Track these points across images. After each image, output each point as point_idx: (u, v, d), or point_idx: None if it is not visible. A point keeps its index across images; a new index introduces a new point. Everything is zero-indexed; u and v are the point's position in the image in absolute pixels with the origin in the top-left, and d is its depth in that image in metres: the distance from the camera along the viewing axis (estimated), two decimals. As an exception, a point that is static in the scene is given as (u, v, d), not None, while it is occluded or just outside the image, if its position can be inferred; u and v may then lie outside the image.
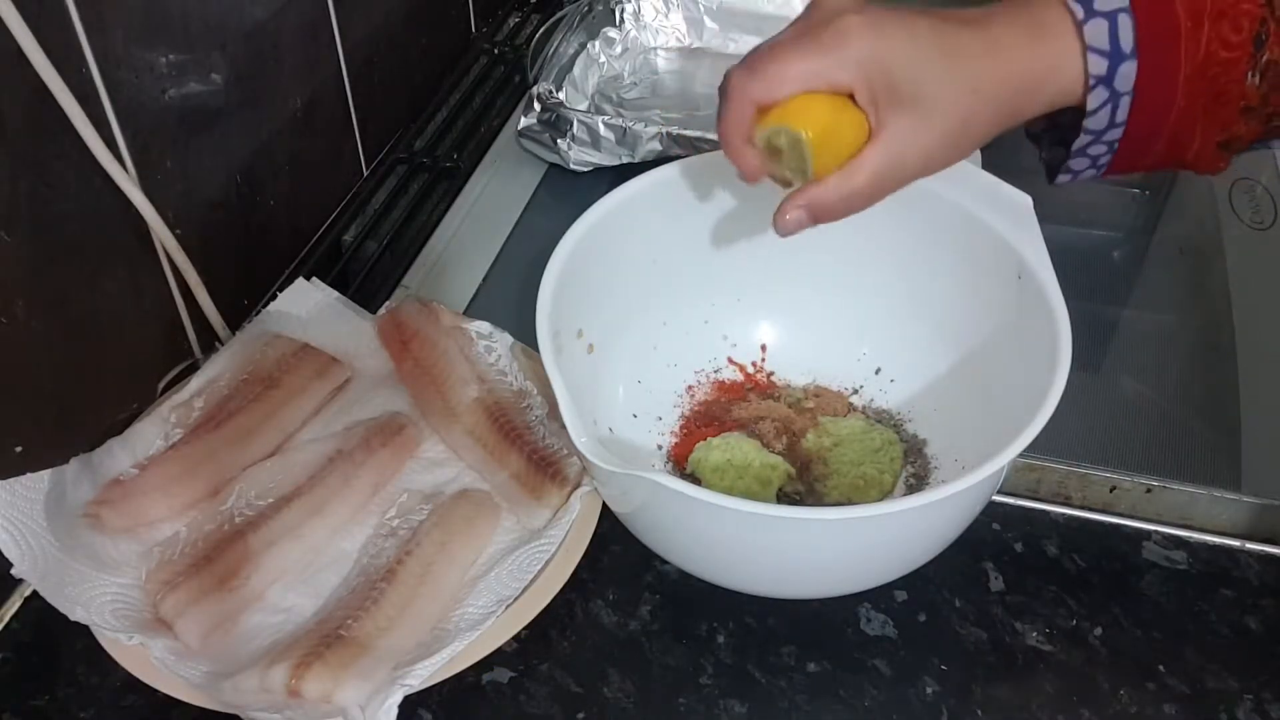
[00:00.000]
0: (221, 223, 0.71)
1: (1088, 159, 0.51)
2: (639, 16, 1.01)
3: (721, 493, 0.48)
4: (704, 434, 0.64)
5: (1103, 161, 0.51)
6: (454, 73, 1.01)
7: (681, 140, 0.82)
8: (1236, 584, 0.58)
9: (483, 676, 0.54)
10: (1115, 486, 0.63)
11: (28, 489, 0.57)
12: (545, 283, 0.57)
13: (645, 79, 0.99)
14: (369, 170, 0.89)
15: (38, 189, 0.56)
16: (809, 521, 0.49)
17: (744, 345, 0.69)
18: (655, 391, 0.67)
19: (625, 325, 0.65)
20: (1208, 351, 0.73)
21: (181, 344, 0.70)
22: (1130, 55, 0.47)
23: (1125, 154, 0.50)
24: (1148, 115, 0.48)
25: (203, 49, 0.66)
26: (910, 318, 0.65)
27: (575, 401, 0.51)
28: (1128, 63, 0.47)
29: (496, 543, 0.59)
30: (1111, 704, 0.53)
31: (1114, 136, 0.49)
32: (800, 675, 0.54)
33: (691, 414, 0.67)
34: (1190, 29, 0.46)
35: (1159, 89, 0.47)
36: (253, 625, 0.55)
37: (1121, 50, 0.47)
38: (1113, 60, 0.47)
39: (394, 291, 0.77)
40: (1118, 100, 0.48)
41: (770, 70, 0.48)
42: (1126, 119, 0.48)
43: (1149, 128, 0.48)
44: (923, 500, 0.48)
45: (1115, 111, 0.48)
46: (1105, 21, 0.47)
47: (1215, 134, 0.48)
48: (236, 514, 0.58)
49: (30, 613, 0.57)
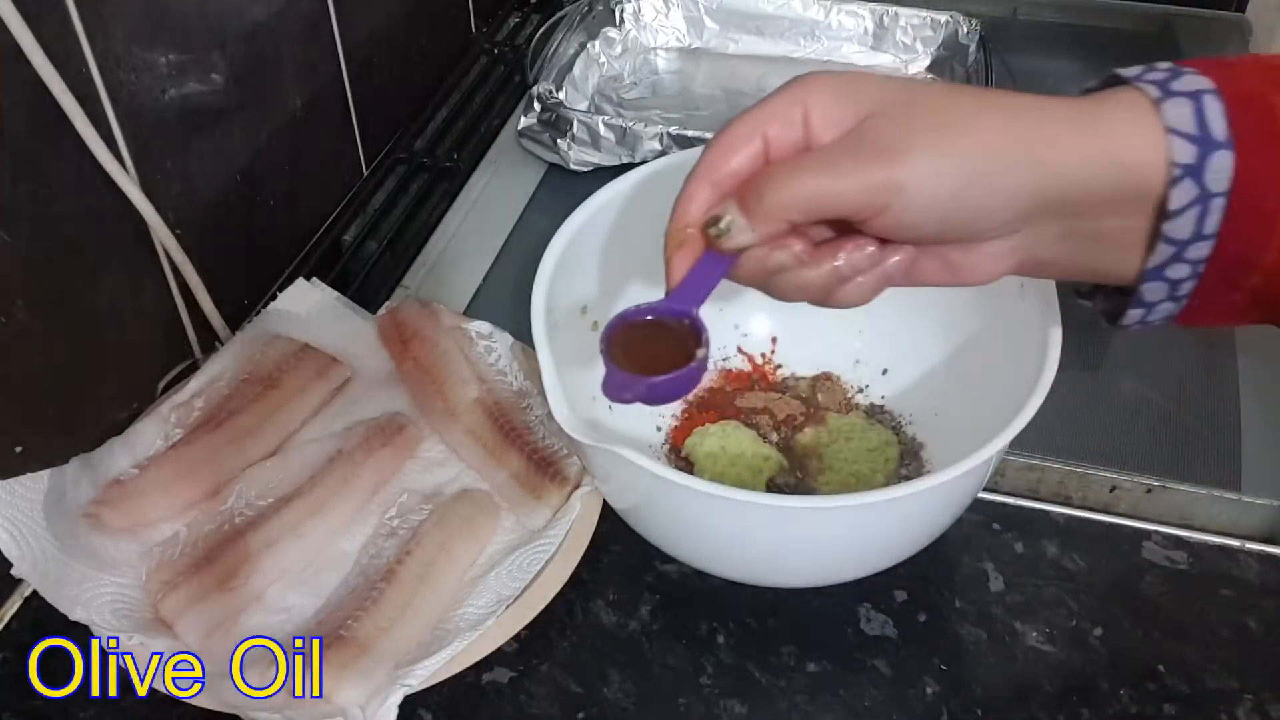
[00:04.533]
0: (221, 223, 0.71)
1: (1164, 284, 0.41)
2: (639, 16, 1.01)
3: (712, 479, 0.48)
4: (704, 420, 0.65)
5: (1184, 291, 0.41)
6: (454, 73, 1.01)
7: (681, 140, 0.83)
8: (1236, 584, 0.58)
9: (483, 676, 0.54)
10: (1115, 486, 0.64)
11: (28, 489, 0.57)
12: (547, 257, 0.57)
13: (645, 79, 0.99)
14: (369, 170, 0.89)
15: (38, 189, 0.56)
16: (779, 509, 0.49)
17: (755, 336, 0.69)
18: (660, 374, 0.67)
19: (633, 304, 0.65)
20: (1208, 351, 0.73)
21: (181, 344, 0.70)
22: (1225, 144, 0.38)
23: (1212, 284, 0.41)
24: (1247, 228, 0.39)
25: (203, 49, 0.66)
26: (919, 322, 0.65)
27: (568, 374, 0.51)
28: (1221, 152, 0.38)
29: (496, 543, 0.59)
30: (1111, 704, 0.53)
31: (1201, 254, 0.40)
32: (800, 675, 0.54)
33: (695, 399, 0.67)
34: None
35: (1260, 195, 0.38)
36: (253, 625, 0.55)
37: (1212, 136, 0.38)
38: (1202, 146, 0.38)
39: (394, 291, 0.77)
40: (1208, 203, 0.38)
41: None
42: (1219, 229, 0.39)
43: (1247, 246, 0.39)
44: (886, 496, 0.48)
45: (1204, 217, 0.39)
46: (1189, 101, 0.38)
47: None
48: (236, 514, 0.58)
49: (30, 613, 0.57)
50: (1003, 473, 0.65)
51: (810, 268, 0.42)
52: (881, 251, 0.42)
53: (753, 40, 1.01)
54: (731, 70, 0.99)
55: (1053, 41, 1.09)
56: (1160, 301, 0.42)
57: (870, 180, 0.39)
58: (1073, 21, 1.11)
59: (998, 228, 0.41)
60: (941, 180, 0.39)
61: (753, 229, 0.41)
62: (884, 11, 0.98)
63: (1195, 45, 1.06)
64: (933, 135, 0.39)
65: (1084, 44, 1.10)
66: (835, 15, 0.99)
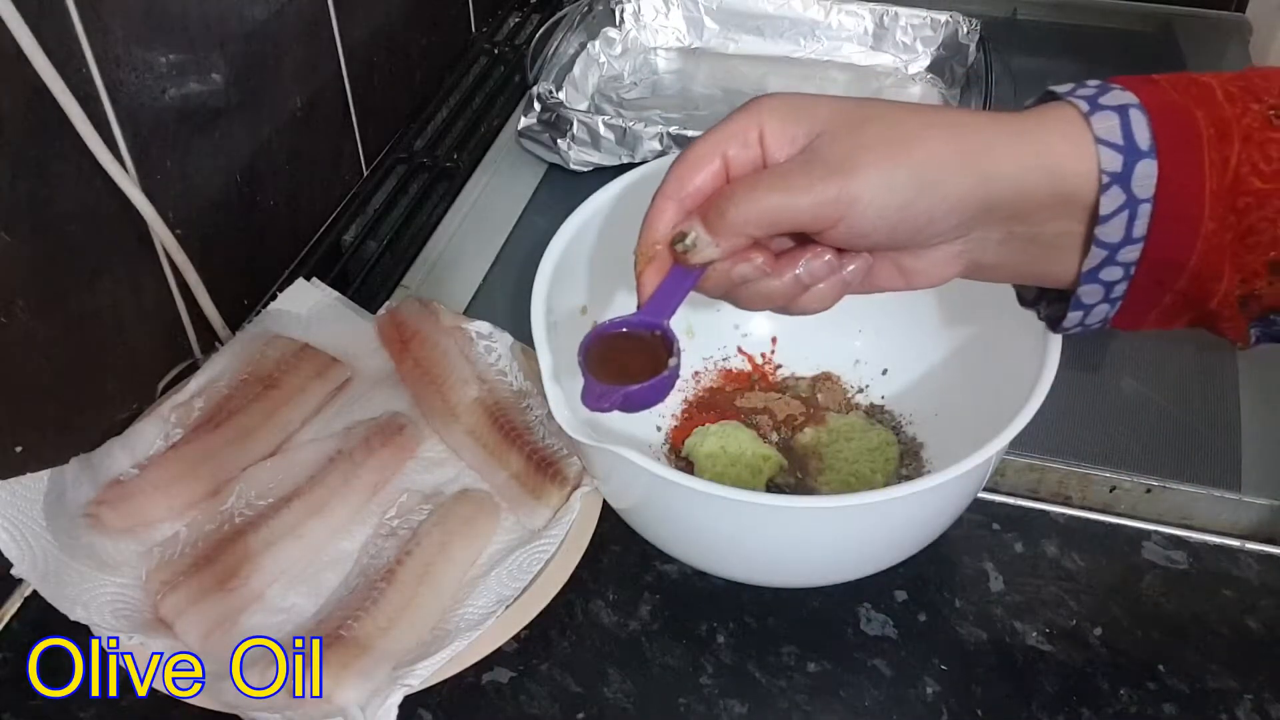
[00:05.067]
0: (221, 223, 0.71)
1: (1100, 286, 0.44)
2: (639, 16, 1.01)
3: (712, 479, 0.48)
4: (704, 420, 0.65)
5: (1117, 293, 0.44)
6: (454, 73, 1.01)
7: (681, 140, 0.83)
8: (1236, 584, 0.58)
9: (483, 676, 0.54)
10: (1115, 486, 0.64)
11: (28, 489, 0.57)
12: (547, 257, 0.57)
13: (645, 79, 0.99)
14: (369, 170, 0.89)
15: (38, 189, 0.56)
16: (779, 509, 0.49)
17: (755, 336, 0.69)
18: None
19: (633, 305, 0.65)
20: (1208, 351, 0.73)
21: (181, 344, 0.70)
22: (1148, 153, 0.40)
23: (1142, 286, 0.43)
24: (1171, 231, 0.41)
25: (203, 49, 0.66)
26: (919, 322, 0.65)
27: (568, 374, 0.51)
28: (1146, 161, 0.40)
29: (496, 543, 0.59)
30: (1111, 704, 0.53)
31: (1131, 256, 0.42)
32: (800, 675, 0.54)
33: (695, 399, 0.67)
34: (1215, 138, 0.40)
35: (1183, 200, 0.41)
36: (253, 625, 0.55)
37: (1137, 146, 0.41)
38: (1128, 156, 0.41)
39: (394, 291, 0.77)
40: (1135, 208, 0.41)
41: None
42: (1146, 233, 0.41)
43: (1172, 249, 0.42)
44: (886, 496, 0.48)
45: (1133, 222, 0.41)
46: (1115, 115, 0.41)
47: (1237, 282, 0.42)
48: (236, 514, 0.58)
49: (30, 613, 0.57)
50: (1003, 473, 0.65)
51: (773, 278, 0.45)
52: (839, 260, 0.45)
53: (753, 40, 1.01)
54: (731, 70, 0.99)
55: (1053, 41, 1.09)
56: (1097, 304, 0.45)
57: (825, 195, 0.42)
58: (1073, 22, 1.11)
59: (944, 233, 0.44)
60: (892, 192, 0.42)
61: (716, 244, 0.44)
62: (884, 11, 0.98)
63: (1195, 45, 1.06)
64: (882, 151, 0.42)
65: (1084, 44, 1.10)
66: (835, 15, 0.99)
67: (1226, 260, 0.42)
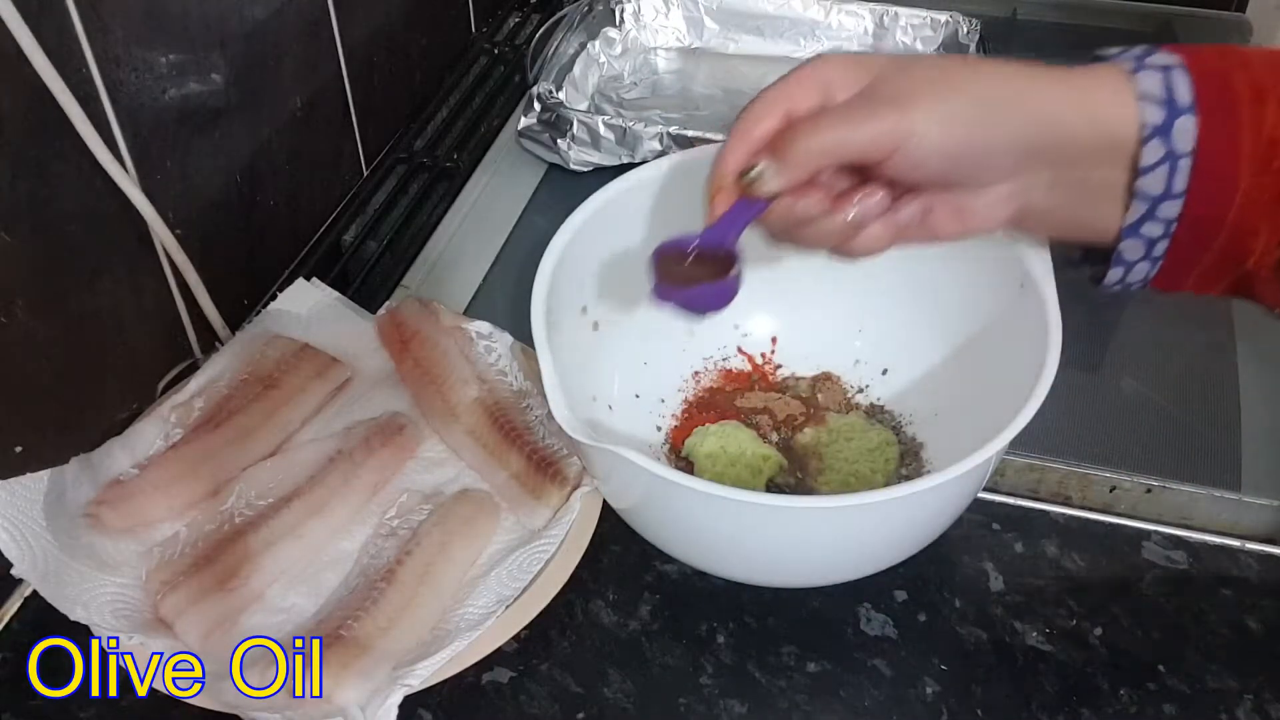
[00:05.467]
0: (221, 223, 0.71)
1: (1141, 242, 0.46)
2: (639, 16, 1.01)
3: (712, 479, 0.48)
4: (704, 420, 0.65)
5: (1158, 251, 0.46)
6: (454, 73, 1.01)
7: (681, 140, 0.83)
8: (1236, 584, 0.58)
9: (483, 676, 0.54)
10: (1115, 486, 0.64)
11: (28, 489, 0.57)
12: (547, 257, 0.57)
13: (645, 79, 0.99)
14: (369, 170, 0.89)
15: (38, 189, 0.56)
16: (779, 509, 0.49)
17: (755, 336, 0.69)
18: (661, 374, 0.67)
19: (633, 305, 0.65)
20: (1208, 351, 0.73)
21: (181, 344, 0.70)
22: (1188, 109, 0.43)
23: (1183, 243, 0.45)
24: (1209, 187, 0.43)
25: (203, 49, 0.66)
26: (919, 322, 0.65)
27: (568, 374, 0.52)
28: (1186, 116, 0.43)
29: (496, 543, 0.59)
30: (1111, 704, 0.53)
31: (1171, 213, 0.45)
32: (800, 675, 0.54)
33: (695, 399, 0.67)
34: (1252, 100, 0.43)
35: (1221, 157, 0.43)
36: (253, 625, 0.55)
37: (1178, 103, 0.43)
38: (1170, 111, 0.43)
39: (394, 291, 0.77)
40: (1176, 162, 0.43)
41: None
42: (1186, 188, 0.44)
43: (1210, 206, 0.44)
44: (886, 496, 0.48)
45: (1173, 176, 0.44)
46: (1159, 73, 0.44)
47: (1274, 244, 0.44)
48: (236, 514, 0.58)
49: (30, 613, 0.57)
50: (1003, 473, 0.65)
51: (832, 215, 0.48)
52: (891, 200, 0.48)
53: (753, 40, 1.01)
54: (731, 70, 0.99)
55: (1053, 41, 1.09)
56: (1138, 261, 0.47)
57: (883, 125, 0.45)
58: (1073, 21, 1.11)
59: (997, 171, 0.47)
60: (946, 123, 0.45)
61: (781, 175, 0.47)
62: (884, 11, 0.98)
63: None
64: (937, 86, 0.45)
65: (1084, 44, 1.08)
66: (835, 15, 0.99)
67: (1264, 218, 0.44)
